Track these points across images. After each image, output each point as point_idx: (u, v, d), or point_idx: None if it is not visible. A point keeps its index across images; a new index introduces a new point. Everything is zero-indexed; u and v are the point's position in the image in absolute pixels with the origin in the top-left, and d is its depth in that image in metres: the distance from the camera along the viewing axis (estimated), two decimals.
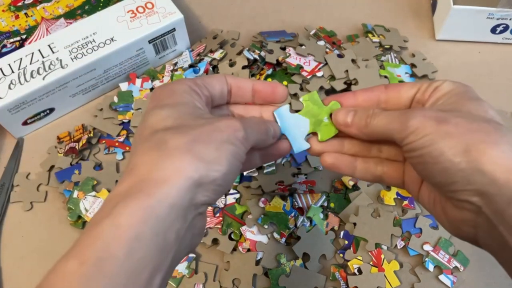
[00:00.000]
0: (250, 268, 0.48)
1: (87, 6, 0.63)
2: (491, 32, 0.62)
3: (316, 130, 0.34)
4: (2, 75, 0.54)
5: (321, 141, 0.34)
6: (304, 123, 0.35)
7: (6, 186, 0.55)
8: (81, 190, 0.53)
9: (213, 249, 0.50)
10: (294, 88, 0.58)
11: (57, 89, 0.56)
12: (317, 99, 0.35)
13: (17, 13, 0.63)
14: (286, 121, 0.35)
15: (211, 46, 0.63)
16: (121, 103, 0.59)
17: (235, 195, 0.52)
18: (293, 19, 0.68)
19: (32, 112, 0.57)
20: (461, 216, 0.28)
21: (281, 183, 0.52)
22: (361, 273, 0.47)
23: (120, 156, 0.56)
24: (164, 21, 0.59)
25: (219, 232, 0.50)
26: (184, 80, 0.32)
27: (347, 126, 0.33)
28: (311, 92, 0.35)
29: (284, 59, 0.59)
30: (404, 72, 0.60)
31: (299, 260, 0.48)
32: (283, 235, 0.49)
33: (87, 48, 0.56)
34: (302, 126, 0.35)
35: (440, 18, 0.63)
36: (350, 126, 0.33)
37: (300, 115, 0.35)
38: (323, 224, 0.50)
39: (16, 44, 0.60)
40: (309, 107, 0.35)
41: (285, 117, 0.35)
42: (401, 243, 0.49)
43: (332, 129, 0.34)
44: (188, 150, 0.26)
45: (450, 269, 0.47)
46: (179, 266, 0.48)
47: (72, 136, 0.58)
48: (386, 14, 0.68)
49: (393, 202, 0.51)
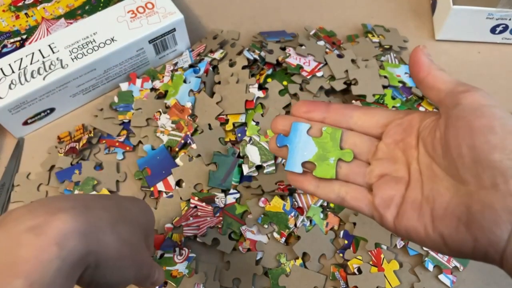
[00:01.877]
0: (250, 268, 0.48)
1: (88, 6, 0.63)
2: (490, 32, 0.62)
3: (316, 163, 0.33)
4: (3, 75, 0.55)
5: (315, 175, 0.33)
6: (312, 150, 0.34)
7: (7, 186, 0.55)
8: (82, 190, 0.53)
9: (213, 249, 0.50)
10: (294, 88, 0.58)
11: (57, 89, 0.56)
12: (337, 138, 0.33)
13: (17, 13, 0.63)
14: (297, 138, 0.34)
15: (211, 46, 0.63)
16: (121, 103, 0.59)
17: (235, 195, 0.52)
18: (293, 19, 0.68)
19: (33, 112, 0.57)
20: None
21: (281, 183, 0.52)
22: (361, 273, 0.47)
23: (121, 156, 0.57)
24: (164, 21, 0.59)
25: (219, 232, 0.50)
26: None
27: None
28: (337, 129, 0.34)
29: (284, 59, 0.59)
30: (404, 72, 0.60)
31: (299, 259, 0.48)
32: (283, 235, 0.49)
33: (88, 48, 0.57)
34: (308, 151, 0.33)
35: (440, 18, 0.63)
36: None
37: (314, 140, 0.34)
38: (323, 223, 0.50)
39: (16, 44, 0.60)
40: (325, 140, 0.34)
41: (299, 133, 0.34)
42: (401, 243, 0.49)
43: (331, 172, 0.33)
44: None
45: (450, 268, 0.47)
46: (179, 266, 0.48)
47: (73, 136, 0.58)
48: (386, 14, 0.68)
49: None
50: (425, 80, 0.30)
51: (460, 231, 0.26)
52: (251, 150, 0.53)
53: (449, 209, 0.27)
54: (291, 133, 0.34)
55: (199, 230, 0.49)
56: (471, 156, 0.26)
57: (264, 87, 0.58)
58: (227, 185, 0.52)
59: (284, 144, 0.34)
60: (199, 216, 0.50)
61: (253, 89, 0.57)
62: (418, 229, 0.29)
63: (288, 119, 0.35)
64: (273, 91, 0.58)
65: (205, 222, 0.50)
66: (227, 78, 0.58)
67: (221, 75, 0.59)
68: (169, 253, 0.49)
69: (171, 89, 0.58)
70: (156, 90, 0.60)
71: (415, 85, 0.59)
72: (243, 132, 0.55)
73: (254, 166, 0.53)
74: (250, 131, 0.55)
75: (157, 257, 0.49)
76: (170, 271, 0.48)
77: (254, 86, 0.58)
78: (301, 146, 0.34)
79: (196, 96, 0.57)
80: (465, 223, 0.26)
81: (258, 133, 0.55)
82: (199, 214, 0.50)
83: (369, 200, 0.32)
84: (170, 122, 0.56)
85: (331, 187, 0.33)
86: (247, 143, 0.54)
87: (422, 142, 0.30)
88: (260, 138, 0.54)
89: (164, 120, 0.57)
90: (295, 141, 0.34)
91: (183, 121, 0.56)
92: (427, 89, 0.30)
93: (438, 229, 0.27)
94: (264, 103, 0.57)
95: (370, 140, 0.33)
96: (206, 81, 0.59)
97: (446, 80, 0.29)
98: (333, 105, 0.34)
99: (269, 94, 0.58)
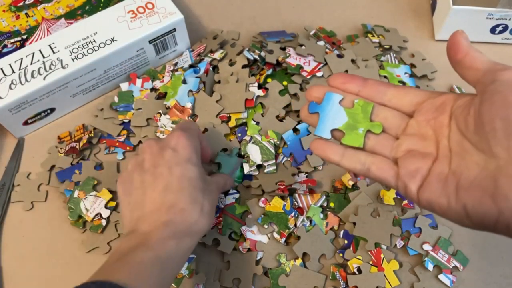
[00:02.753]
0: (250, 268, 0.48)
1: (88, 6, 0.63)
2: (490, 32, 0.62)
3: (345, 131, 0.34)
4: (3, 75, 0.55)
5: (343, 142, 0.34)
6: (342, 119, 0.34)
7: (7, 186, 0.55)
8: (82, 190, 0.53)
9: (213, 249, 0.50)
10: (294, 88, 0.58)
11: (57, 89, 0.56)
12: (368, 111, 0.34)
13: (17, 13, 0.63)
14: (329, 106, 0.34)
15: (211, 46, 0.63)
16: (122, 103, 0.59)
17: (234, 195, 0.52)
18: (293, 19, 0.68)
19: (33, 112, 0.57)
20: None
21: (281, 183, 0.52)
22: (360, 273, 0.47)
23: (121, 156, 0.57)
24: (164, 21, 0.59)
25: (219, 232, 0.50)
26: (195, 136, 0.45)
27: None
28: (369, 103, 0.34)
29: (284, 59, 0.59)
30: (404, 72, 0.60)
31: (299, 259, 0.48)
32: (283, 235, 0.49)
33: (88, 48, 0.57)
34: (338, 120, 0.34)
35: (440, 18, 0.63)
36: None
37: (345, 111, 0.34)
38: (323, 224, 0.50)
39: (16, 44, 0.60)
40: (357, 111, 0.34)
41: (331, 102, 0.34)
42: (401, 243, 0.49)
43: (359, 141, 0.34)
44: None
45: (450, 268, 0.47)
46: None
47: (73, 136, 0.58)
48: (386, 14, 0.68)
49: (392, 202, 0.51)
50: (463, 61, 0.31)
51: (485, 203, 0.27)
52: (252, 149, 0.53)
53: (476, 182, 0.27)
54: (324, 102, 0.35)
55: None
56: (504, 129, 0.26)
57: (264, 87, 0.59)
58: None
59: (316, 111, 0.35)
60: None
61: (253, 88, 0.57)
62: (441, 201, 0.29)
63: (323, 88, 0.35)
64: (273, 91, 0.58)
65: None
66: (227, 77, 0.58)
67: (221, 75, 0.60)
68: None
69: (170, 91, 0.58)
70: (156, 90, 0.60)
71: (415, 85, 0.60)
72: (243, 132, 0.55)
73: (255, 165, 0.53)
74: (251, 131, 0.55)
75: None
76: None
77: (254, 85, 0.58)
78: (332, 115, 0.34)
79: (196, 96, 0.57)
80: (491, 195, 0.26)
81: (259, 132, 0.55)
82: None
83: (395, 171, 0.32)
84: (171, 122, 0.56)
85: (357, 157, 0.33)
86: (247, 142, 0.54)
87: (454, 120, 0.30)
88: (262, 138, 0.54)
89: (165, 120, 0.57)
90: (326, 109, 0.35)
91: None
92: (464, 69, 0.31)
93: (462, 201, 0.28)
94: (264, 103, 0.57)
95: (401, 116, 0.34)
96: (205, 81, 0.59)
97: (483, 60, 0.30)
98: (369, 80, 0.35)
99: (269, 94, 0.58)
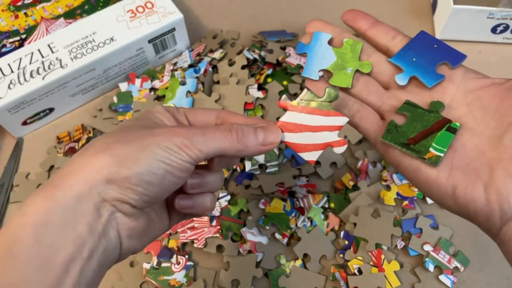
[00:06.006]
0: (250, 271, 0.48)
1: (87, 6, 0.63)
2: (491, 32, 0.62)
3: (333, 72, 0.33)
4: (2, 75, 0.54)
5: (331, 83, 0.33)
6: (330, 59, 0.34)
7: (6, 186, 0.54)
8: None
9: (212, 255, 0.49)
10: (294, 88, 0.58)
11: (56, 89, 0.56)
12: (357, 50, 0.33)
13: (16, 12, 0.63)
14: (317, 47, 0.34)
15: (211, 46, 0.63)
16: (121, 104, 0.59)
17: (226, 198, 0.52)
18: (293, 19, 0.68)
19: (32, 112, 0.56)
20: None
21: (281, 185, 0.52)
22: (361, 273, 0.47)
23: None
24: (164, 20, 0.58)
25: (220, 238, 0.49)
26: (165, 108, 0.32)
27: None
28: (358, 42, 0.34)
29: (284, 59, 0.59)
30: None
31: (299, 260, 0.48)
32: (285, 235, 0.49)
33: (87, 48, 0.56)
34: (326, 60, 0.34)
35: (441, 18, 0.63)
36: None
37: (333, 50, 0.34)
38: (324, 224, 0.50)
39: (15, 44, 0.59)
40: (345, 50, 0.34)
41: (319, 42, 0.34)
42: (401, 243, 0.49)
43: (347, 81, 0.33)
44: (105, 149, 0.27)
45: (450, 269, 0.47)
46: (177, 275, 0.47)
47: (72, 136, 0.58)
48: (386, 13, 0.68)
49: (393, 202, 0.51)
50: None
51: (477, 188, 0.27)
52: None
53: (472, 165, 0.28)
54: (312, 42, 0.34)
55: (198, 242, 0.49)
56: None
57: (264, 88, 0.58)
58: None
59: (304, 51, 0.34)
60: (196, 228, 0.50)
61: (253, 90, 0.57)
62: (429, 172, 0.29)
63: (322, 24, 0.35)
64: (273, 92, 0.58)
65: (203, 233, 0.49)
66: (227, 78, 0.58)
67: (220, 75, 0.59)
68: (166, 262, 0.48)
69: (168, 93, 0.58)
70: (156, 90, 0.60)
71: None
72: None
73: (257, 164, 0.52)
74: None
75: (154, 265, 0.48)
76: (168, 281, 0.47)
77: (254, 87, 0.57)
78: (320, 55, 0.34)
79: (194, 96, 0.57)
80: (485, 183, 0.27)
81: None
82: (196, 225, 0.50)
83: (378, 126, 0.31)
84: None
85: (344, 101, 0.33)
86: None
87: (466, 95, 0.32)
88: None
89: None
90: (314, 50, 0.34)
91: None
92: None
93: (453, 179, 0.28)
94: (264, 104, 0.57)
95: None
96: (204, 81, 0.58)
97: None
98: (382, 23, 0.34)
99: (269, 95, 0.58)
